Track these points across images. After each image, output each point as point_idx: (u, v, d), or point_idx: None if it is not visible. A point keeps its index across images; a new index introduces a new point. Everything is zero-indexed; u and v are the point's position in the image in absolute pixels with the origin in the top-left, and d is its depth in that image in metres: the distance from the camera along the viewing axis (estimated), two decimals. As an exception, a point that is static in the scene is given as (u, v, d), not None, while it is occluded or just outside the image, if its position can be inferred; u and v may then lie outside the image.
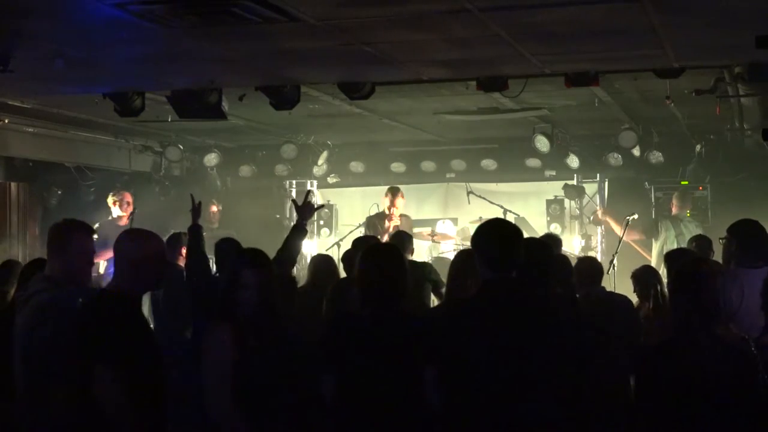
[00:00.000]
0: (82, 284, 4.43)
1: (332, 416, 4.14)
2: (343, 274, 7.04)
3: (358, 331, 4.12)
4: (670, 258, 5.48)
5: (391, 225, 10.34)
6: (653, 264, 8.88)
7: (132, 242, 4.20)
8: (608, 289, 8.81)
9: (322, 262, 7.30)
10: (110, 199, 10.60)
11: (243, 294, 4.20)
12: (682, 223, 11.02)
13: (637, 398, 3.95)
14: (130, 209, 10.46)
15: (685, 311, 3.87)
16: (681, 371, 3.78)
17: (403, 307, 4.19)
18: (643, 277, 6.27)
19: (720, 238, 5.80)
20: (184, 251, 7.59)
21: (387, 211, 10.58)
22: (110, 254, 4.88)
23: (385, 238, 9.57)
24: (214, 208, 11.80)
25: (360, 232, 10.78)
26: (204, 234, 7.92)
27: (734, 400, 3.75)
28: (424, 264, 7.98)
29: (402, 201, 10.70)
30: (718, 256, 6.41)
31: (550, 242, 6.93)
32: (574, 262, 6.79)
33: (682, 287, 3.97)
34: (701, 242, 7.26)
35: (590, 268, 6.19)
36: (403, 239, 7.68)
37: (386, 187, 12.79)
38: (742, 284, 5.16)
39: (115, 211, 10.46)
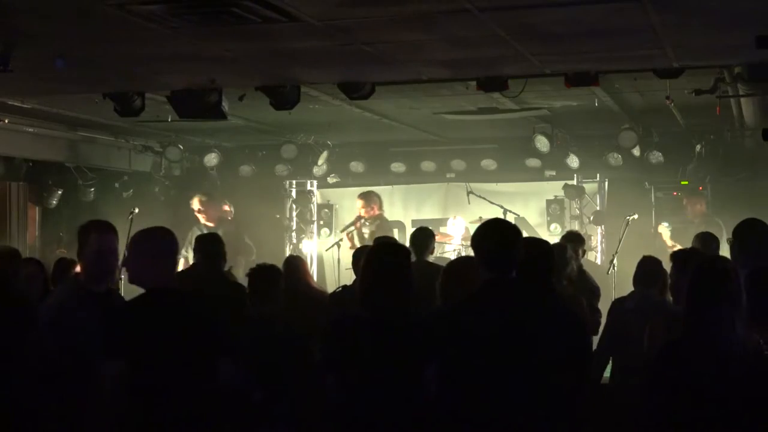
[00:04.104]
0: (101, 284, 4.54)
1: (335, 417, 4.14)
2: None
3: (360, 331, 4.10)
4: (677, 257, 5.41)
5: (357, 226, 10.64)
6: None
7: (151, 239, 4.25)
8: (608, 289, 8.89)
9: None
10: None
11: None
12: None
13: (644, 395, 3.89)
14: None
15: (700, 308, 3.74)
16: (692, 371, 3.68)
17: (404, 307, 4.15)
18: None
19: (727, 239, 5.76)
20: None
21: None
22: None
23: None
24: (226, 207, 11.81)
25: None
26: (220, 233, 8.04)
27: (750, 408, 3.62)
28: (440, 268, 7.78)
29: (368, 204, 10.97)
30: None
31: (573, 239, 7.21)
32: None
33: (700, 283, 3.81)
34: (706, 238, 7.16)
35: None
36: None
37: (387, 187, 12.87)
38: None
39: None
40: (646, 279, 6.15)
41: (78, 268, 6.36)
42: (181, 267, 6.87)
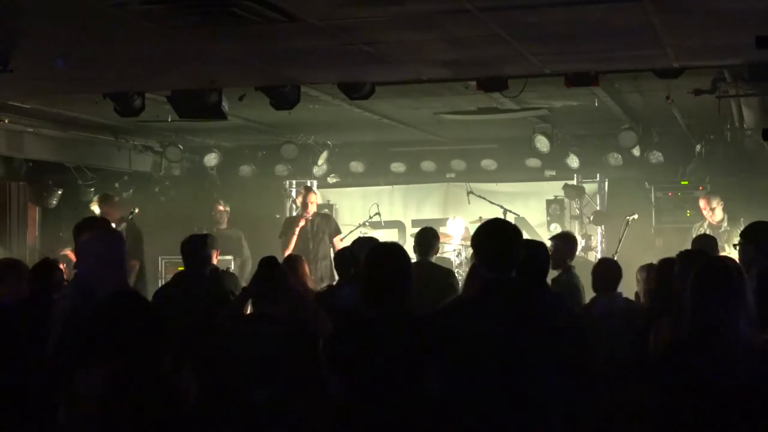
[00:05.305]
0: (95, 287, 4.48)
1: (338, 417, 4.15)
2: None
3: (362, 332, 4.11)
4: (684, 258, 5.38)
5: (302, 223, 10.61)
6: None
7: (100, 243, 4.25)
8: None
9: None
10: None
11: None
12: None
13: (650, 395, 3.89)
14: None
15: (705, 307, 3.72)
16: (697, 370, 3.67)
17: (406, 308, 4.14)
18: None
19: (734, 244, 5.71)
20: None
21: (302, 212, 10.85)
22: None
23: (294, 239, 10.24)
24: (221, 207, 11.79)
25: (360, 233, 10.82)
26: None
27: (756, 407, 3.61)
28: (449, 272, 7.69)
29: (315, 198, 11.01)
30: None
31: (571, 239, 7.26)
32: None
33: (707, 282, 3.78)
34: (708, 241, 7.13)
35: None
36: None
37: (387, 187, 12.86)
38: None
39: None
40: (608, 285, 6.08)
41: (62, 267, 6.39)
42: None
